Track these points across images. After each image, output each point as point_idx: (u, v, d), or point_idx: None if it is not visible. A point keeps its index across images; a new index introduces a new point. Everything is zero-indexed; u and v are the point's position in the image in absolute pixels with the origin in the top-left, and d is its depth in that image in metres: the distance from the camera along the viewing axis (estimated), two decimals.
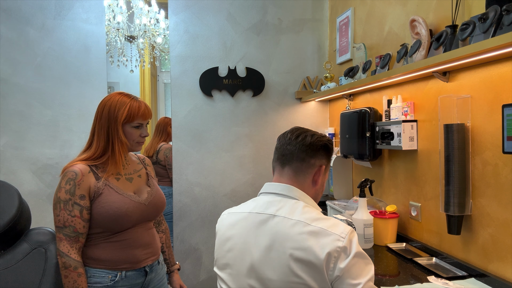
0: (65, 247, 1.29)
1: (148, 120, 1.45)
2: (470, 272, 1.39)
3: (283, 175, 1.09)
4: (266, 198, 1.09)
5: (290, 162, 1.08)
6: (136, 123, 1.40)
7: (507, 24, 1.11)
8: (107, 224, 1.33)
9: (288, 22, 2.74)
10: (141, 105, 1.41)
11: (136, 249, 1.39)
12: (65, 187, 1.30)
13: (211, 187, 2.65)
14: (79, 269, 1.28)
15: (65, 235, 1.29)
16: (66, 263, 1.28)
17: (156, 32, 3.97)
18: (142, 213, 1.40)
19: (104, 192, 1.34)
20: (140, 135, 1.43)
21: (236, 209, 1.15)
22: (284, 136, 1.12)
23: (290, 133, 1.11)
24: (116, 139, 1.38)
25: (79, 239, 1.31)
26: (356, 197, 1.98)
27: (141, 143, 1.45)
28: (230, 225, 1.11)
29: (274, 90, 2.73)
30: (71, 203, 1.29)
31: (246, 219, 1.07)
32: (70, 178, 1.31)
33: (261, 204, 1.07)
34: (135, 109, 1.39)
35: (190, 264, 2.63)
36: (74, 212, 1.29)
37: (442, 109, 1.49)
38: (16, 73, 2.40)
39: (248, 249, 1.02)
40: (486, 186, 1.36)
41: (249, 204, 1.11)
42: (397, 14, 1.90)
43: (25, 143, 2.42)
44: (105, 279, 1.34)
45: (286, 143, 1.10)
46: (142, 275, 1.42)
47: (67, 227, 1.29)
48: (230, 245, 1.07)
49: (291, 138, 1.10)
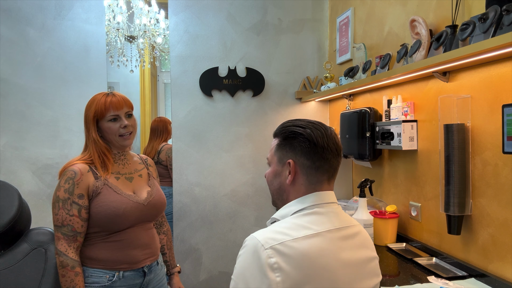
0: (63, 246, 1.29)
1: (127, 111, 1.41)
2: (470, 272, 1.39)
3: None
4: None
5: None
6: (110, 116, 1.37)
7: (507, 24, 1.11)
8: (105, 223, 1.33)
9: (288, 22, 2.74)
10: (108, 98, 1.37)
11: (134, 250, 1.39)
12: (64, 186, 1.31)
13: (211, 187, 2.65)
14: (76, 268, 1.28)
15: (63, 234, 1.29)
16: (64, 262, 1.28)
17: (156, 32, 3.97)
18: (141, 213, 1.40)
19: (103, 192, 1.34)
20: (120, 126, 1.38)
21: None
22: (334, 144, 0.93)
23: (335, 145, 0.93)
24: (90, 139, 1.38)
25: (77, 238, 1.31)
26: (356, 197, 1.98)
27: (125, 136, 1.40)
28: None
29: (274, 90, 2.73)
30: (69, 202, 1.30)
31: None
32: (69, 177, 1.31)
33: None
34: (102, 103, 1.36)
35: (190, 264, 2.63)
36: (73, 211, 1.29)
37: (442, 109, 1.49)
38: (16, 73, 2.40)
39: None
40: (486, 186, 1.36)
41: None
42: (397, 14, 1.90)
43: (25, 143, 2.41)
44: (103, 279, 1.34)
45: (337, 155, 0.94)
46: (141, 275, 1.41)
47: (65, 226, 1.29)
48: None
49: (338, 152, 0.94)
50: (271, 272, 0.78)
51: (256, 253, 0.81)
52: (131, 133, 1.43)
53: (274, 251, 0.80)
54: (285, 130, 0.95)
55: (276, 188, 0.97)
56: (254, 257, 0.81)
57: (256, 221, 2.70)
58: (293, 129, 0.93)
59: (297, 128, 0.92)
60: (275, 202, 0.99)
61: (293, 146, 0.92)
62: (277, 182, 0.96)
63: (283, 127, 0.96)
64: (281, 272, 0.78)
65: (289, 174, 0.92)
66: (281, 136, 0.95)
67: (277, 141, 0.96)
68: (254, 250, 0.82)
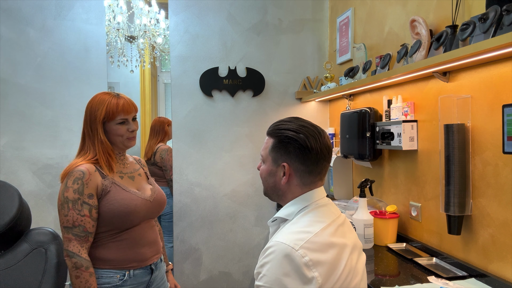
0: (76, 247, 1.27)
1: (134, 115, 1.43)
2: (470, 272, 1.39)
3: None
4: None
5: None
6: (120, 119, 1.39)
7: (507, 24, 1.11)
8: (116, 221, 1.33)
9: (288, 22, 2.74)
10: (120, 101, 1.39)
11: (143, 247, 1.40)
12: (72, 186, 1.29)
13: (211, 187, 2.65)
14: (90, 269, 1.28)
15: (75, 235, 1.27)
16: (78, 263, 1.26)
17: (156, 32, 3.97)
18: (148, 210, 1.42)
19: (112, 190, 1.34)
20: (128, 130, 1.41)
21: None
22: (327, 149, 1.00)
23: (327, 149, 1.00)
24: (96, 139, 1.38)
25: (88, 238, 1.30)
26: (356, 197, 1.98)
27: (132, 138, 1.43)
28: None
29: (274, 90, 2.73)
30: (80, 202, 1.28)
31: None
32: (78, 177, 1.30)
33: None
34: (113, 105, 1.37)
35: (190, 264, 2.63)
36: (84, 211, 1.28)
37: (442, 109, 1.49)
38: (16, 73, 2.40)
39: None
40: (486, 186, 1.35)
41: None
42: (397, 14, 1.90)
43: (25, 143, 2.42)
44: (114, 279, 1.34)
45: (329, 158, 1.01)
46: (149, 273, 1.43)
47: (76, 227, 1.28)
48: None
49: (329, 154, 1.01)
50: (308, 271, 0.84)
51: (288, 256, 0.85)
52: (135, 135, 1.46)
53: (305, 250, 0.85)
54: (280, 134, 0.99)
55: (271, 186, 1.03)
56: (286, 260, 0.85)
57: (256, 221, 2.70)
58: (287, 133, 0.98)
59: (291, 133, 0.97)
60: (269, 195, 1.07)
61: (287, 151, 0.97)
62: (271, 180, 1.02)
63: (278, 129, 1.00)
64: (316, 268, 0.85)
65: (284, 175, 0.99)
66: (276, 138, 1.00)
67: (272, 142, 1.01)
68: (285, 254, 0.85)
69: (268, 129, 1.03)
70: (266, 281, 0.86)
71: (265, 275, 0.86)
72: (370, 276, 1.43)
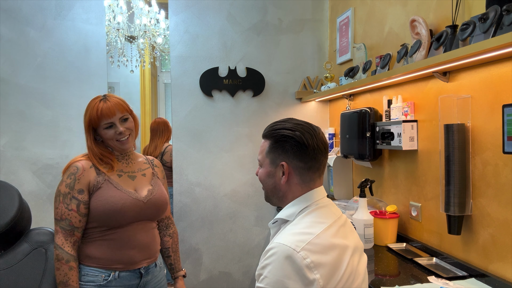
0: (60, 240, 1.31)
1: (122, 116, 1.39)
2: (470, 272, 1.39)
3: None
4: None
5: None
6: (105, 124, 1.37)
7: (507, 24, 1.11)
8: (102, 218, 1.34)
9: (288, 22, 2.74)
10: (101, 106, 1.36)
11: (132, 250, 1.38)
12: (66, 181, 1.34)
13: (211, 187, 2.65)
14: (71, 263, 1.30)
15: (61, 228, 1.32)
16: (59, 255, 1.30)
17: (156, 32, 3.97)
18: (140, 211, 1.39)
19: (103, 187, 1.35)
20: (115, 132, 1.38)
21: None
22: (323, 144, 1.00)
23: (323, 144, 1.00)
24: (87, 145, 1.41)
25: (74, 233, 1.32)
26: (357, 197, 1.98)
27: (122, 140, 1.40)
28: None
29: (274, 90, 2.73)
30: (69, 196, 1.32)
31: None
32: (72, 172, 1.35)
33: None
34: (94, 112, 1.36)
35: (190, 264, 2.63)
36: (71, 205, 1.31)
37: (442, 109, 1.49)
38: (16, 73, 2.40)
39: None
40: (486, 186, 1.35)
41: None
42: (397, 14, 1.90)
43: (26, 143, 2.42)
44: (99, 278, 1.34)
45: (326, 153, 1.01)
46: (137, 276, 1.41)
47: (63, 220, 1.32)
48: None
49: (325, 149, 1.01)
50: (310, 273, 0.83)
51: (289, 258, 0.84)
52: (129, 136, 1.43)
53: (307, 252, 0.85)
54: (276, 134, 0.99)
55: (271, 188, 1.02)
56: (288, 262, 0.84)
57: (256, 221, 2.70)
58: (283, 132, 0.97)
59: (287, 131, 0.97)
60: (270, 198, 1.05)
61: (285, 149, 0.97)
62: (271, 182, 1.01)
63: (273, 130, 1.00)
64: (318, 269, 0.84)
65: (283, 175, 0.98)
66: (272, 138, 1.00)
67: (269, 144, 1.00)
68: (286, 256, 0.85)
69: (263, 132, 1.03)
70: (267, 283, 0.85)
71: (266, 277, 0.86)
72: (370, 276, 1.43)
